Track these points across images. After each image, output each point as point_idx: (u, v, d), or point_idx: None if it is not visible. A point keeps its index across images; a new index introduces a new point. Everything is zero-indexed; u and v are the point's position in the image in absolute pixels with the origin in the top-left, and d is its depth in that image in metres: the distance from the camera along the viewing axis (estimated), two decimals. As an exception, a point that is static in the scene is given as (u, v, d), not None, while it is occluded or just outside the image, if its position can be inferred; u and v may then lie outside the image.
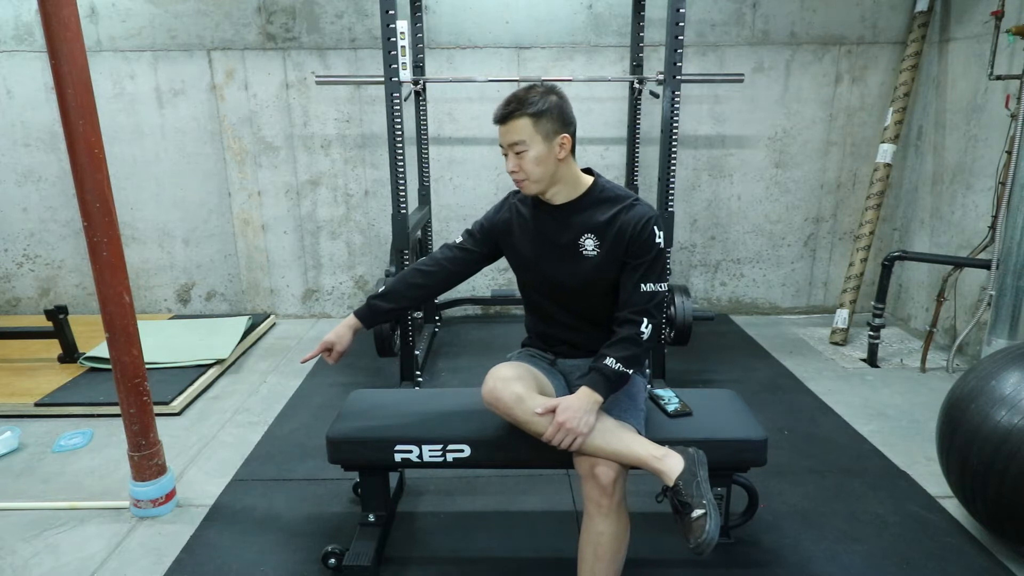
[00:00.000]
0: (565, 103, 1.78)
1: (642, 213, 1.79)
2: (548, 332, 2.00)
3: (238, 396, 3.25)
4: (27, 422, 2.96)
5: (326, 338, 1.97)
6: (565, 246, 1.85)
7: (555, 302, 1.93)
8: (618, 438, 1.72)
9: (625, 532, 1.75)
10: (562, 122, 1.76)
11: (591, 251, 1.82)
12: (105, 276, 2.10)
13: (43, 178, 4.16)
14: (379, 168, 4.17)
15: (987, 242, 3.34)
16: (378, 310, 1.99)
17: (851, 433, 2.84)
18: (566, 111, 1.78)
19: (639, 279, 1.78)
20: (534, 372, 1.87)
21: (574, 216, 1.84)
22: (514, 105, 1.74)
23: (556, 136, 1.75)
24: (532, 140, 1.74)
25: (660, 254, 1.80)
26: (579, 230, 1.83)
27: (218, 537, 2.20)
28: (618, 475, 1.70)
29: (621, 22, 3.95)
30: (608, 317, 1.88)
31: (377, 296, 2.00)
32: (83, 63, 1.95)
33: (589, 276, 1.84)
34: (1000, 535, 2.09)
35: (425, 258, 2.04)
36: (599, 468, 1.70)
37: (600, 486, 1.69)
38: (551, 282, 1.90)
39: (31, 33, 3.94)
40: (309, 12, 3.93)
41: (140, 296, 4.34)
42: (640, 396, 1.92)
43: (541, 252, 1.89)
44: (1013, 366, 2.02)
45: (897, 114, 3.86)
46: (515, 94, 1.76)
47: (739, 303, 4.43)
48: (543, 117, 1.73)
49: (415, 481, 2.48)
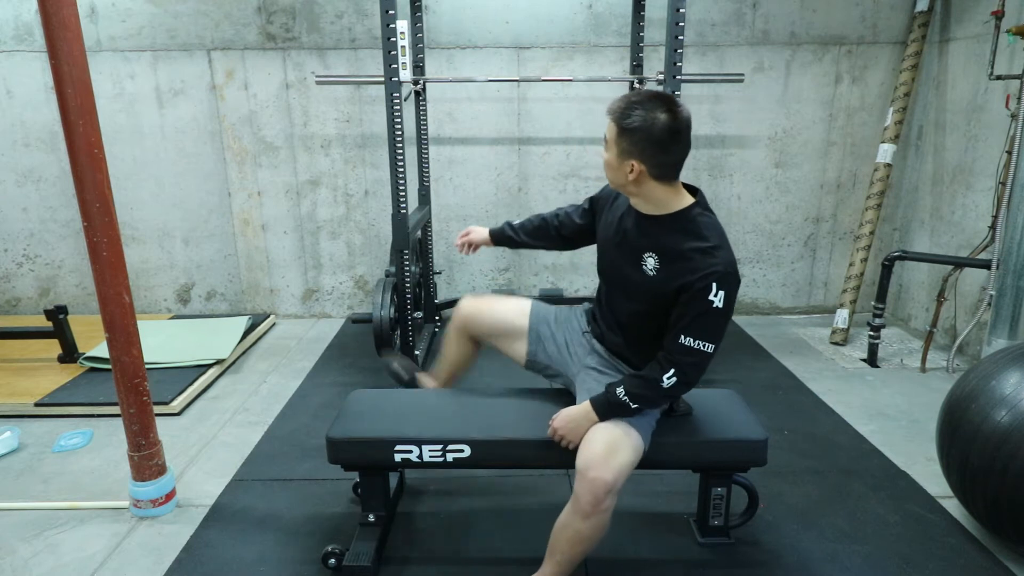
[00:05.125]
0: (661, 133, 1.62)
1: (708, 265, 1.66)
2: (599, 313, 2.02)
3: (238, 396, 3.25)
4: (27, 422, 2.96)
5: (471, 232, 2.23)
6: (632, 252, 1.81)
7: (612, 294, 1.94)
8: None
9: (604, 530, 1.76)
10: (639, 149, 1.64)
11: (650, 271, 1.76)
12: (105, 276, 2.10)
13: (43, 178, 4.16)
14: (379, 168, 4.17)
15: (987, 242, 3.34)
16: (503, 234, 2.21)
17: (851, 433, 2.84)
18: (655, 141, 1.63)
19: (682, 329, 1.68)
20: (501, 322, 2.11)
21: (652, 229, 1.77)
22: (616, 104, 1.69)
23: (628, 158, 1.67)
24: (610, 146, 1.71)
25: (713, 313, 1.66)
26: (648, 245, 1.77)
27: (218, 537, 2.20)
28: (614, 482, 1.67)
29: (621, 22, 3.95)
30: (651, 343, 1.81)
31: (510, 224, 2.20)
32: (83, 63, 1.95)
33: (641, 293, 1.79)
34: (1000, 535, 2.08)
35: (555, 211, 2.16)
36: (594, 473, 1.67)
37: (591, 490, 1.67)
38: (613, 275, 1.92)
39: (31, 33, 3.94)
40: (309, 12, 3.93)
41: (140, 296, 4.34)
42: (653, 413, 1.90)
43: (616, 242, 1.87)
44: (1013, 366, 2.02)
45: (897, 114, 3.86)
46: (629, 94, 1.71)
47: (739, 303, 4.43)
48: (626, 133, 1.65)
49: (415, 481, 2.48)
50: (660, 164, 1.67)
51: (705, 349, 1.69)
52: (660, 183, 1.71)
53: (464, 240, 2.24)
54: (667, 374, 1.70)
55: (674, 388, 1.72)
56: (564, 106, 4.08)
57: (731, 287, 1.67)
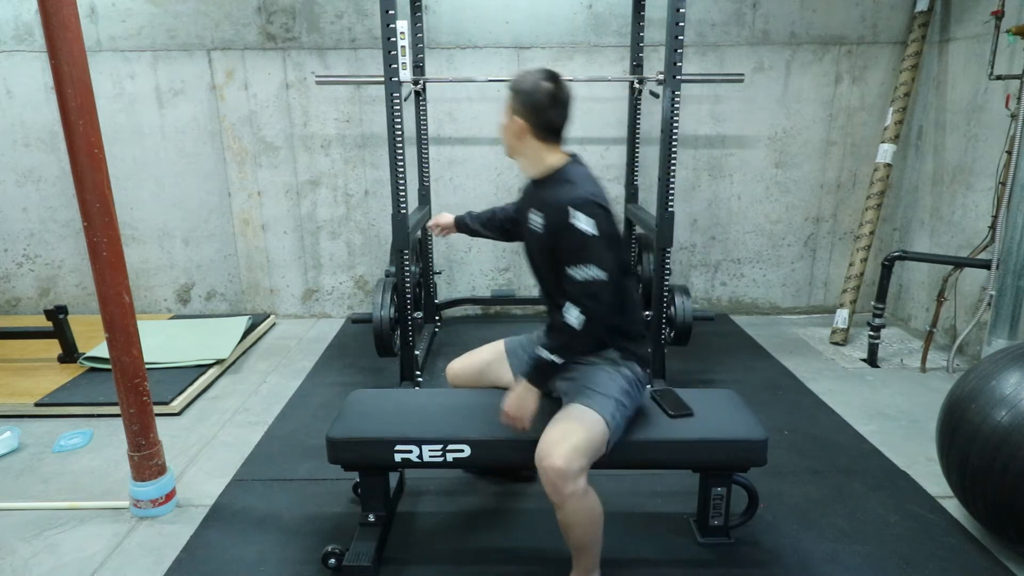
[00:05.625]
0: (542, 96, 1.85)
1: (567, 197, 1.79)
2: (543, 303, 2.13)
3: (238, 396, 3.25)
4: (27, 422, 2.96)
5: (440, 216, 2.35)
6: (524, 217, 1.98)
7: (533, 270, 2.05)
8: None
9: (590, 510, 1.79)
10: (524, 107, 1.87)
11: (538, 228, 1.89)
12: (105, 276, 2.10)
13: (43, 178, 4.16)
14: (379, 168, 4.17)
15: (987, 242, 3.34)
16: (463, 223, 2.35)
17: (851, 433, 2.84)
18: (536, 101, 1.86)
19: (566, 264, 1.79)
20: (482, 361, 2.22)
21: (535, 189, 1.96)
22: (515, 75, 1.95)
23: (515, 115, 1.89)
24: (505, 109, 1.93)
25: (586, 239, 1.75)
26: (532, 204, 1.94)
27: (218, 537, 2.20)
28: (566, 467, 1.69)
29: (621, 22, 3.95)
30: None
31: (471, 213, 2.36)
32: (83, 63, 1.95)
33: (539, 253, 1.94)
34: (1000, 535, 2.08)
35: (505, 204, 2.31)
36: (546, 462, 1.71)
37: (548, 480, 1.72)
38: (526, 252, 2.06)
39: (31, 33, 3.94)
40: (309, 12, 3.93)
41: (140, 296, 4.34)
42: (614, 386, 1.90)
43: (518, 219, 2.08)
44: (1013, 366, 2.02)
45: (897, 114, 3.86)
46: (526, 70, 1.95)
47: (739, 303, 4.43)
48: (517, 95, 1.89)
49: (415, 481, 2.48)
50: (541, 124, 1.87)
51: (594, 276, 1.75)
52: (542, 143, 1.90)
53: (435, 223, 2.40)
54: (571, 314, 1.77)
55: (584, 325, 1.76)
56: (564, 106, 4.07)
57: (595, 212, 1.77)
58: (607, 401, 1.85)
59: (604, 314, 1.79)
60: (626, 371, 1.94)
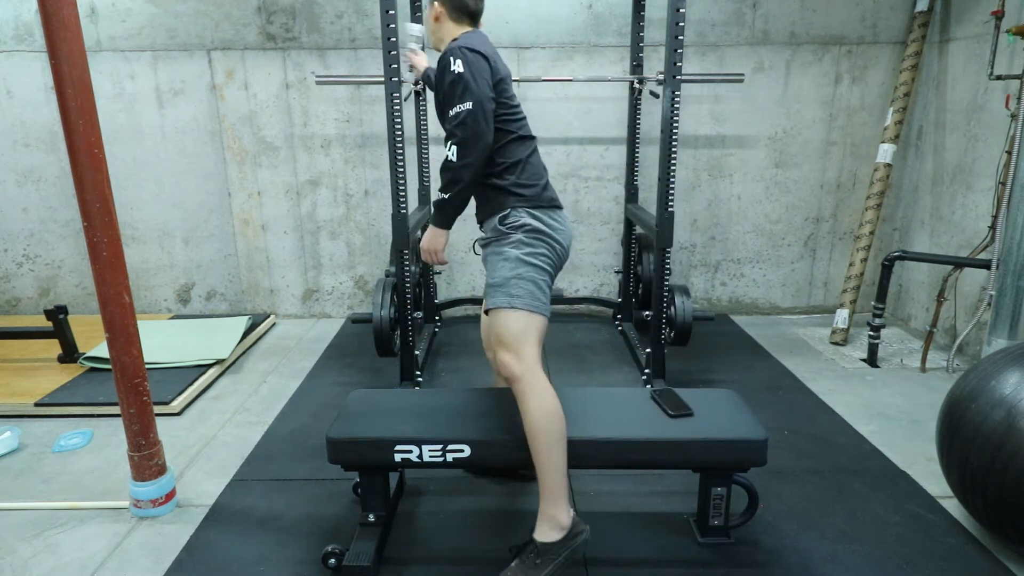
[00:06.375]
0: None
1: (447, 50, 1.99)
2: None
3: (238, 396, 3.25)
4: (27, 422, 2.96)
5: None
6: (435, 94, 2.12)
7: None
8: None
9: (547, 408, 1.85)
10: None
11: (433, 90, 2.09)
12: (105, 276, 2.10)
13: (43, 178, 4.16)
14: (379, 168, 4.17)
15: (987, 242, 3.34)
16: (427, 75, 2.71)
17: (851, 433, 2.84)
18: None
19: (446, 107, 1.96)
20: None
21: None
22: None
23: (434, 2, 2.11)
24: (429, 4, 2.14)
25: (456, 79, 1.90)
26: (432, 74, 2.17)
27: (218, 537, 2.20)
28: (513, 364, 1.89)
29: (621, 22, 3.95)
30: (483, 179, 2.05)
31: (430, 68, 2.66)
32: (83, 63, 1.95)
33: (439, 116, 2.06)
34: (1000, 535, 2.09)
35: None
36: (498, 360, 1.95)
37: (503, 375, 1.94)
38: None
39: (31, 33, 3.95)
40: (309, 12, 3.93)
41: (140, 296, 4.34)
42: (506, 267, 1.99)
43: None
44: (1013, 366, 2.02)
45: (897, 114, 3.86)
46: None
47: (739, 303, 4.44)
48: None
49: (415, 481, 2.48)
50: (454, 5, 2.09)
51: (461, 108, 1.91)
52: (455, 23, 2.12)
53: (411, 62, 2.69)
54: (449, 150, 1.93)
55: (458, 153, 1.92)
56: (564, 106, 4.08)
57: (463, 54, 1.93)
58: (502, 290, 1.97)
59: (468, 137, 1.90)
60: (513, 237, 2.02)
